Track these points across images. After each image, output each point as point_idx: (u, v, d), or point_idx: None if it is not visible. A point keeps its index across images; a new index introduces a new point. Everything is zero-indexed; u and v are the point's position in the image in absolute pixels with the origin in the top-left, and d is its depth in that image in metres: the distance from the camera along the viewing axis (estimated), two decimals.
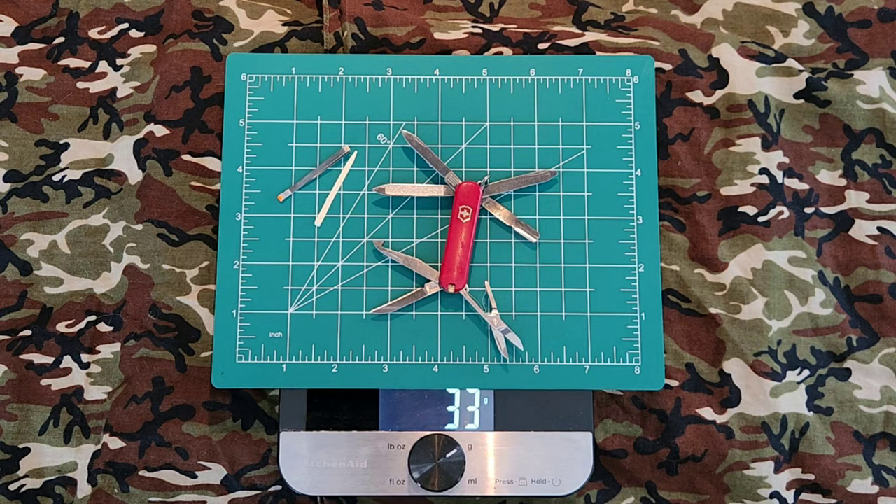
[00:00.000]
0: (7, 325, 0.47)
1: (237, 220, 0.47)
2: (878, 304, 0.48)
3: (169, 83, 0.49)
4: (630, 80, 0.49)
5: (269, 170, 0.48)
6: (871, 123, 0.49)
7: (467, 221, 0.45)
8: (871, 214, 0.49)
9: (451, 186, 0.47)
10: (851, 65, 0.51)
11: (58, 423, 0.46)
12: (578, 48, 0.50)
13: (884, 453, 0.47)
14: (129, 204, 0.48)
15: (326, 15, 0.50)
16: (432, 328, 0.47)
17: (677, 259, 0.48)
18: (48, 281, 0.48)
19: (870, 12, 0.52)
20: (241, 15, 0.51)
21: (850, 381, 0.47)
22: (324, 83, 0.49)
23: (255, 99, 0.49)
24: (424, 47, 0.50)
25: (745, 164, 0.49)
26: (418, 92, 0.49)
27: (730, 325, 0.47)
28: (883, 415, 0.47)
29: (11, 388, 0.47)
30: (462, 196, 0.46)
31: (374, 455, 0.44)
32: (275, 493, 0.46)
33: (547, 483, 0.45)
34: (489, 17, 0.52)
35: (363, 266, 0.47)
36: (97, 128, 0.49)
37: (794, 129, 0.50)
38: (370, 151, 0.48)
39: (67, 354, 0.47)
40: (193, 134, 0.49)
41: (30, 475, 0.46)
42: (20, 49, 0.50)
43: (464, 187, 0.46)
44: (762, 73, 0.49)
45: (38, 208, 0.48)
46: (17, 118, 0.49)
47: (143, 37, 0.51)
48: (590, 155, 0.48)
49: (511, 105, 0.49)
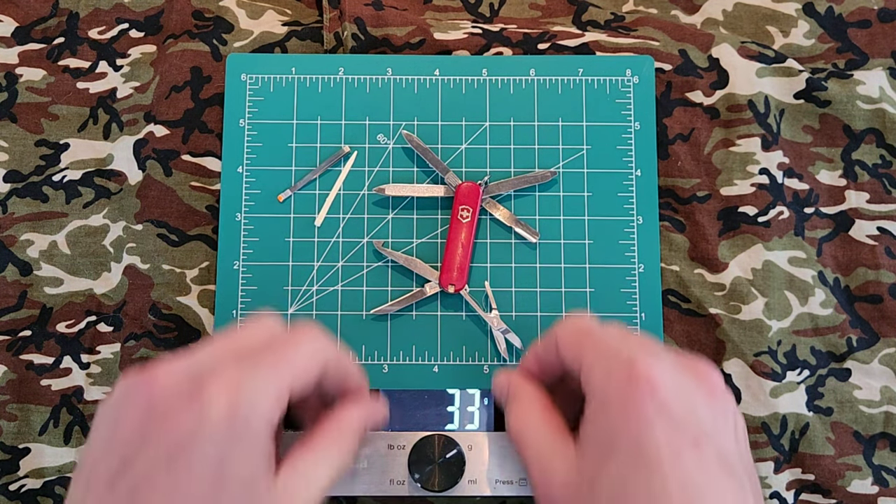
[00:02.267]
0: (7, 326, 0.47)
1: (237, 220, 0.47)
2: (878, 305, 0.48)
3: (169, 83, 0.49)
4: (630, 81, 0.49)
5: (269, 170, 0.48)
6: (871, 124, 0.49)
7: (467, 222, 0.45)
8: (871, 215, 0.49)
9: (451, 187, 0.47)
10: (851, 65, 0.51)
11: (58, 423, 0.46)
12: (578, 48, 0.50)
13: (884, 453, 0.47)
14: (129, 204, 0.48)
15: (326, 15, 0.50)
16: (432, 328, 0.47)
17: (677, 259, 0.48)
18: (48, 281, 0.48)
19: (870, 12, 0.52)
20: (241, 15, 0.51)
21: (850, 382, 0.47)
22: (324, 83, 0.49)
23: (255, 99, 0.49)
24: (424, 47, 0.50)
25: (745, 165, 0.49)
26: (418, 92, 0.49)
27: (730, 326, 0.47)
28: (883, 415, 0.47)
29: (11, 388, 0.47)
30: (462, 196, 0.46)
31: (374, 455, 0.44)
32: None
33: None
34: (489, 18, 0.52)
35: (363, 266, 0.47)
36: (97, 128, 0.49)
37: (794, 129, 0.50)
38: (370, 151, 0.48)
39: (67, 355, 0.47)
40: (193, 134, 0.49)
41: (30, 475, 0.46)
42: (20, 49, 0.50)
43: (464, 187, 0.46)
44: (762, 74, 0.49)
45: (37, 208, 0.48)
46: (17, 118, 0.49)
47: (143, 37, 0.51)
48: (590, 155, 0.48)
49: (511, 105, 0.49)
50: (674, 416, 0.31)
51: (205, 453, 0.29)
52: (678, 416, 0.31)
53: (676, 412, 0.31)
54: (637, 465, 0.31)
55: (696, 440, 0.31)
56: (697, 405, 0.32)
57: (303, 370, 0.33)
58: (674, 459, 0.30)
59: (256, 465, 0.30)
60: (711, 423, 0.32)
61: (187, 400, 0.29)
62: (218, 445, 0.29)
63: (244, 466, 0.30)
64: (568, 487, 0.33)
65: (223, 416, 0.29)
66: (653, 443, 0.31)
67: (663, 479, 0.30)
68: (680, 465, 0.30)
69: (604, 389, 0.33)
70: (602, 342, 0.35)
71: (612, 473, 0.31)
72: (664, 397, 0.31)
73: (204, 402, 0.29)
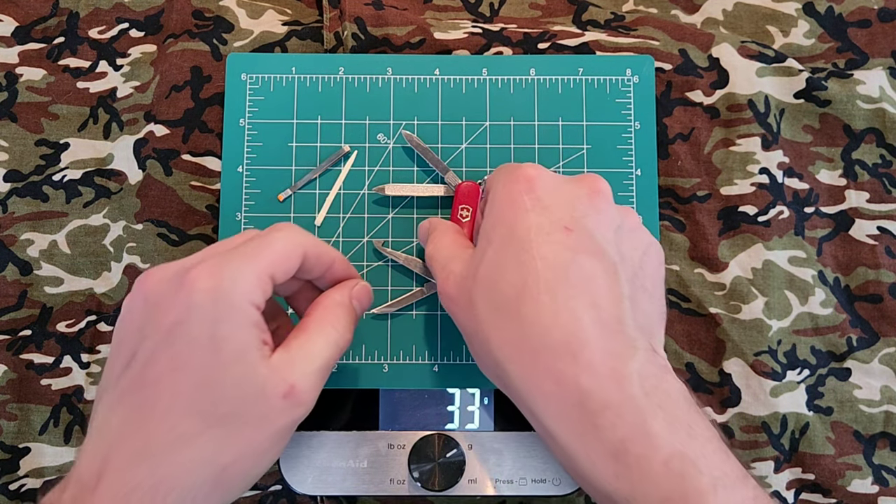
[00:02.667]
0: (7, 325, 0.47)
1: (237, 219, 0.47)
2: (878, 304, 0.48)
3: (169, 83, 0.49)
4: (630, 80, 0.49)
5: (269, 169, 0.48)
6: (871, 123, 0.49)
7: (467, 221, 0.45)
8: (871, 214, 0.49)
9: (450, 186, 0.47)
10: (851, 64, 0.51)
11: (58, 422, 0.46)
12: (578, 48, 0.50)
13: (884, 453, 0.47)
14: (129, 204, 0.48)
15: (326, 15, 0.50)
16: (432, 328, 0.47)
17: (677, 259, 0.48)
18: (48, 281, 0.48)
19: (870, 12, 0.52)
20: (242, 15, 0.51)
21: (850, 381, 0.47)
22: (324, 83, 0.49)
23: (255, 99, 0.49)
24: (424, 47, 0.50)
25: (745, 164, 0.49)
26: (418, 92, 0.49)
27: (730, 325, 0.47)
28: (883, 414, 0.47)
29: (11, 387, 0.47)
30: (462, 196, 0.46)
31: (374, 455, 0.44)
32: (275, 493, 0.46)
33: (547, 483, 0.45)
34: (489, 17, 0.52)
35: (363, 266, 0.47)
36: (97, 128, 0.49)
37: (794, 128, 0.50)
38: (370, 151, 0.48)
39: (67, 354, 0.47)
40: (193, 134, 0.49)
41: (30, 475, 0.46)
42: (20, 49, 0.50)
43: (463, 187, 0.46)
44: (762, 73, 0.49)
45: (37, 208, 0.48)
46: (17, 118, 0.49)
47: (143, 36, 0.51)
48: (590, 155, 0.48)
49: (511, 105, 0.49)
50: (547, 206, 0.35)
51: (196, 330, 0.32)
52: (552, 206, 0.35)
53: (550, 204, 0.35)
54: (510, 244, 0.35)
55: (567, 227, 0.35)
56: (575, 201, 0.36)
57: (281, 255, 0.35)
58: (542, 239, 0.34)
59: (245, 340, 0.33)
60: (587, 216, 0.35)
61: (176, 288, 0.33)
62: (206, 322, 0.32)
63: (233, 340, 0.32)
64: (461, 280, 0.37)
65: (208, 296, 0.32)
66: (524, 225, 0.35)
67: (530, 254, 0.34)
68: (548, 243, 0.34)
69: (493, 191, 0.37)
70: (506, 165, 0.39)
71: (489, 257, 0.35)
72: (540, 193, 0.36)
73: (189, 288, 0.32)
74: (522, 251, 0.34)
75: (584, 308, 0.33)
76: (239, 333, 0.33)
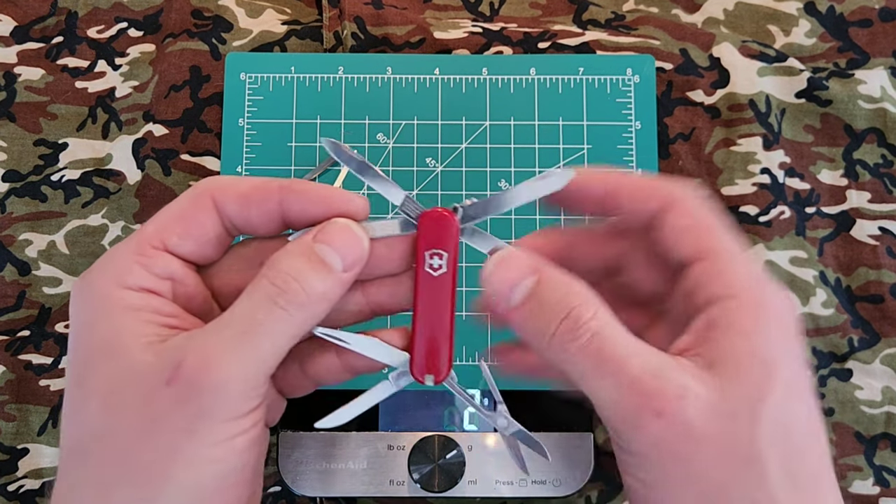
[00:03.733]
0: (5, 326, 0.47)
1: None
2: (880, 305, 0.48)
3: (168, 83, 0.49)
4: (631, 80, 0.49)
5: (268, 169, 0.48)
6: (873, 123, 0.49)
7: (442, 274, 0.29)
8: (872, 214, 0.49)
9: (406, 217, 0.29)
10: (852, 64, 0.51)
11: (56, 423, 0.46)
12: (579, 47, 0.50)
13: (885, 454, 0.46)
14: (128, 204, 0.48)
15: (326, 14, 0.50)
16: None
17: None
18: (47, 281, 0.47)
19: (871, 12, 0.51)
20: (241, 14, 0.51)
21: (852, 382, 0.47)
22: (323, 82, 0.49)
23: (255, 98, 0.49)
24: (424, 46, 0.50)
25: (746, 164, 0.48)
26: (418, 91, 0.49)
27: None
28: (884, 415, 0.47)
29: (10, 388, 0.46)
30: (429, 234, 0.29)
31: (374, 456, 0.44)
32: (274, 494, 0.46)
33: (547, 484, 0.45)
34: (489, 17, 0.52)
35: None
36: (96, 127, 0.49)
37: (795, 128, 0.50)
38: (370, 151, 0.48)
39: (66, 355, 0.47)
40: (192, 133, 0.49)
41: (28, 476, 0.46)
42: (18, 48, 0.50)
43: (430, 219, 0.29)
44: (763, 73, 0.49)
45: (36, 208, 0.48)
46: (16, 118, 0.49)
47: (141, 36, 0.51)
48: (590, 154, 0.48)
49: (511, 104, 0.49)
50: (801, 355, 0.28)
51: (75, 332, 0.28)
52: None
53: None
54: (792, 396, 0.26)
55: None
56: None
57: (171, 215, 0.29)
58: (811, 395, 0.27)
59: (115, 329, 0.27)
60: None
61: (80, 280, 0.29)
62: (77, 322, 0.28)
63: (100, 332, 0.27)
64: (716, 410, 0.25)
65: (77, 291, 0.28)
66: (804, 377, 0.27)
67: (812, 411, 0.27)
68: (811, 398, 0.27)
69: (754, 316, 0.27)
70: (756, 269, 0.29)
71: (778, 396, 0.26)
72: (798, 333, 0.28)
73: (86, 277, 0.28)
74: (812, 409, 0.27)
75: None
76: (104, 324, 0.27)
